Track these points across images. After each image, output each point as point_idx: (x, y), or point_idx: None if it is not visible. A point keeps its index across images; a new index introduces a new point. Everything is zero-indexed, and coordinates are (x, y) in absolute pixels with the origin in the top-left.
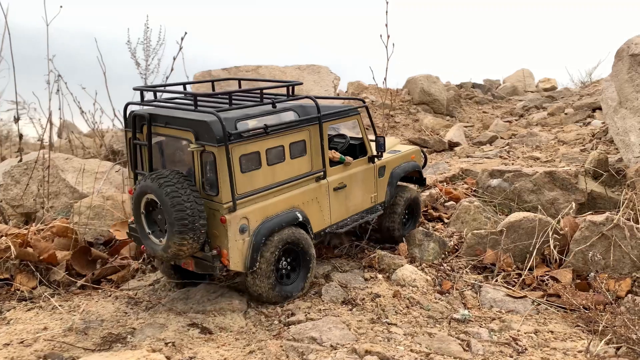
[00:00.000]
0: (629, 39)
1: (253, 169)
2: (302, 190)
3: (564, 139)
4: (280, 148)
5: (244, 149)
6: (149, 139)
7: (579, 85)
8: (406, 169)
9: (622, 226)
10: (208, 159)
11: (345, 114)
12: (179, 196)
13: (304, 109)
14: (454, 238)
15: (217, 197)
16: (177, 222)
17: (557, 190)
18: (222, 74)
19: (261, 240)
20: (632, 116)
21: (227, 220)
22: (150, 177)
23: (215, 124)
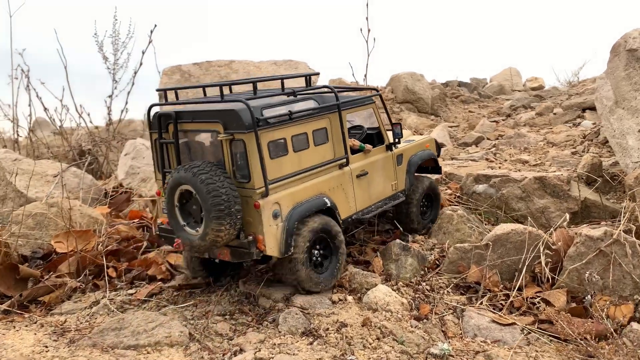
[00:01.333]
0: (626, 33)
1: (280, 155)
2: (328, 177)
3: (553, 141)
4: (304, 135)
5: (271, 135)
6: (176, 136)
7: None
8: (423, 157)
9: (622, 242)
10: (238, 146)
11: (361, 103)
12: (214, 182)
13: (323, 98)
14: (435, 251)
15: (249, 184)
16: (214, 207)
17: (548, 197)
18: (193, 68)
19: (294, 225)
20: (629, 117)
21: (260, 205)
22: (183, 168)
23: (244, 111)
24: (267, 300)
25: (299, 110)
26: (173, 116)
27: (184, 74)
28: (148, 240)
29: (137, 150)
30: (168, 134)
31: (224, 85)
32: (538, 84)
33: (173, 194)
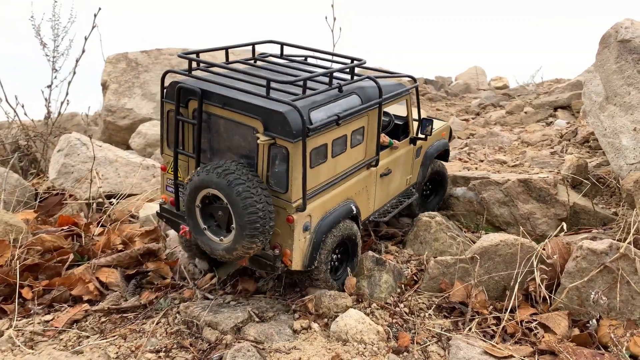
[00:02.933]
0: (617, 23)
1: (320, 162)
2: (356, 180)
3: (528, 140)
4: (344, 137)
5: (315, 142)
6: (199, 118)
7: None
8: (438, 148)
9: (631, 257)
10: (279, 152)
11: (399, 95)
12: (251, 197)
13: (365, 92)
14: (412, 264)
15: (286, 195)
16: (249, 225)
17: (533, 202)
18: (141, 56)
19: (321, 237)
20: (623, 114)
21: (294, 220)
22: (214, 171)
23: (292, 115)
24: (212, 332)
25: (345, 111)
26: (199, 94)
27: (131, 62)
28: (77, 252)
29: (71, 147)
30: (186, 110)
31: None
32: (502, 83)
33: (196, 194)
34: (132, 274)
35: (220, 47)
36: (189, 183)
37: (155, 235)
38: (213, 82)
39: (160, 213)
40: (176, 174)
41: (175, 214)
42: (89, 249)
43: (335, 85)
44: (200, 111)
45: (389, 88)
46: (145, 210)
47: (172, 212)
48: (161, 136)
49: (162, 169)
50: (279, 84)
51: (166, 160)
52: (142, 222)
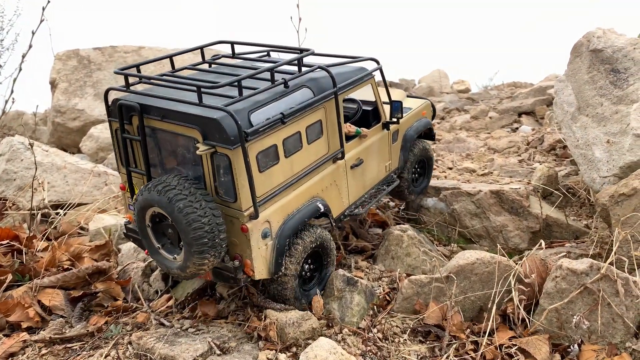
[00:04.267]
0: (589, 32)
1: (271, 165)
2: (321, 176)
3: (495, 147)
4: (297, 135)
5: (260, 144)
6: (143, 134)
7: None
8: (419, 128)
9: (613, 278)
10: (221, 161)
11: (360, 81)
12: (194, 212)
13: (318, 83)
14: (384, 282)
15: (236, 204)
16: (195, 242)
17: (506, 214)
18: (94, 54)
19: (285, 242)
20: (595, 126)
21: (249, 229)
22: (155, 189)
23: (227, 121)
24: None
25: (292, 107)
26: (137, 109)
27: (82, 59)
28: (17, 271)
29: (13, 151)
30: (131, 127)
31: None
32: (465, 86)
33: (144, 214)
34: (79, 296)
35: (163, 56)
36: (135, 203)
37: (106, 251)
38: (152, 95)
39: (126, 233)
40: (132, 192)
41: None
42: (31, 267)
43: (280, 82)
44: (142, 126)
45: (346, 75)
46: (96, 222)
47: (136, 231)
48: (115, 156)
49: (122, 188)
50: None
51: (123, 180)
52: (92, 236)
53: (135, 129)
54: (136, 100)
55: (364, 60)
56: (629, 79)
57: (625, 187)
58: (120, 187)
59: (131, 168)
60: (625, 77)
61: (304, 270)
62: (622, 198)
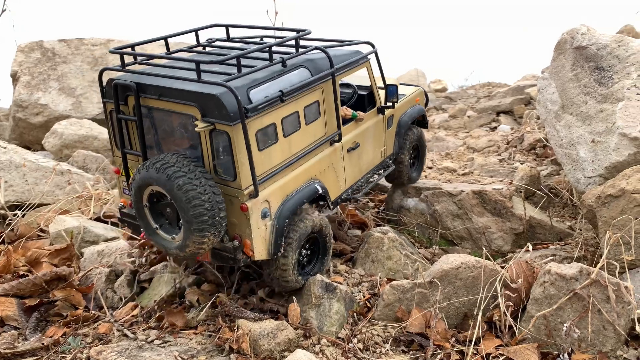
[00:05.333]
0: (573, 28)
1: (270, 144)
2: (319, 158)
3: (474, 146)
4: (295, 114)
5: (260, 122)
6: (139, 114)
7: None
8: (413, 115)
9: (603, 284)
10: (220, 138)
11: (356, 64)
12: (194, 188)
13: (315, 64)
14: (364, 287)
15: (235, 183)
16: (195, 219)
17: (488, 215)
18: (59, 46)
19: (284, 223)
20: (579, 124)
21: (248, 208)
22: (154, 167)
23: (227, 97)
24: None
25: (291, 86)
26: (133, 88)
27: (46, 52)
28: None
29: None
30: (127, 107)
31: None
32: (442, 86)
33: (141, 194)
34: (35, 305)
35: (159, 37)
36: (132, 183)
37: (67, 255)
38: (148, 74)
39: (121, 218)
40: (127, 174)
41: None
42: None
43: (278, 60)
44: (139, 106)
45: (342, 57)
46: (57, 224)
47: (132, 216)
48: (110, 138)
49: (116, 172)
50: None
51: (118, 163)
52: (53, 239)
53: (131, 109)
54: (132, 80)
55: (358, 44)
56: (613, 76)
57: (612, 188)
58: (115, 170)
59: (126, 150)
60: (610, 75)
61: (301, 255)
62: (608, 199)
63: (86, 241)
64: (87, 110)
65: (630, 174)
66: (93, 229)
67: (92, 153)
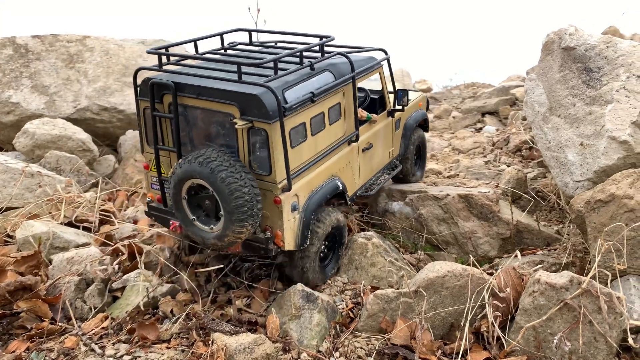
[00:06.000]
0: (561, 29)
1: (301, 141)
2: (338, 156)
3: (460, 147)
4: (321, 115)
5: (293, 121)
6: (176, 112)
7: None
8: (417, 118)
9: (594, 294)
10: (258, 135)
11: (372, 69)
12: (236, 181)
13: (338, 69)
14: (347, 296)
15: (270, 177)
16: (237, 210)
17: (475, 220)
18: (33, 42)
19: (310, 216)
20: (568, 127)
21: (282, 201)
22: (196, 161)
23: (267, 96)
24: None
25: (319, 88)
26: (172, 87)
27: (19, 48)
28: None
29: None
30: (162, 105)
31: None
32: (426, 86)
33: (181, 186)
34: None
35: (188, 40)
36: (173, 176)
37: (35, 262)
38: (185, 74)
39: (148, 212)
40: (159, 170)
41: (164, 210)
42: None
43: (307, 64)
44: (176, 104)
45: (361, 62)
46: (25, 229)
47: (159, 209)
48: (140, 135)
49: (145, 167)
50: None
51: (147, 159)
52: (20, 245)
53: (166, 107)
54: (170, 79)
55: (373, 50)
56: (602, 78)
57: (602, 193)
58: (144, 166)
59: (159, 146)
60: (598, 76)
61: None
62: (598, 204)
63: (56, 247)
64: (61, 109)
65: (620, 179)
66: (63, 235)
67: (65, 154)
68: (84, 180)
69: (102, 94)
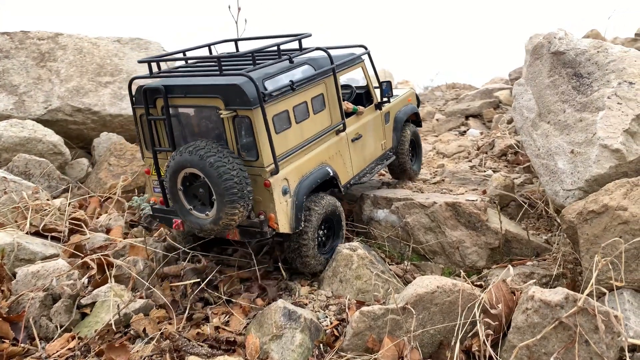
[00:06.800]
0: (550, 32)
1: (285, 128)
2: (327, 145)
3: (444, 151)
4: (304, 104)
5: (275, 108)
6: (167, 112)
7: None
8: (407, 112)
9: (591, 312)
10: (242, 123)
11: (352, 63)
12: (224, 165)
13: (317, 62)
14: (331, 312)
15: (258, 162)
16: (227, 192)
17: (462, 229)
18: (1, 39)
19: (302, 199)
20: (558, 134)
21: (271, 184)
22: (187, 151)
23: (247, 85)
24: None
25: (299, 79)
26: (162, 90)
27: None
28: None
29: None
30: (156, 109)
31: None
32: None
33: (176, 177)
34: None
35: (178, 50)
36: (167, 169)
37: None
38: (173, 76)
39: (153, 214)
40: (159, 172)
41: (166, 210)
42: None
43: (285, 57)
44: (167, 105)
45: (341, 57)
46: None
47: (162, 210)
48: (139, 142)
49: (147, 172)
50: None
51: (148, 164)
52: None
53: (159, 110)
54: (160, 83)
55: (353, 47)
56: (592, 84)
57: (595, 204)
58: (145, 171)
59: (157, 148)
60: (589, 82)
61: (319, 236)
62: (591, 215)
63: (21, 259)
64: (31, 110)
65: (613, 189)
66: (29, 246)
67: (35, 157)
68: (55, 185)
69: (75, 94)
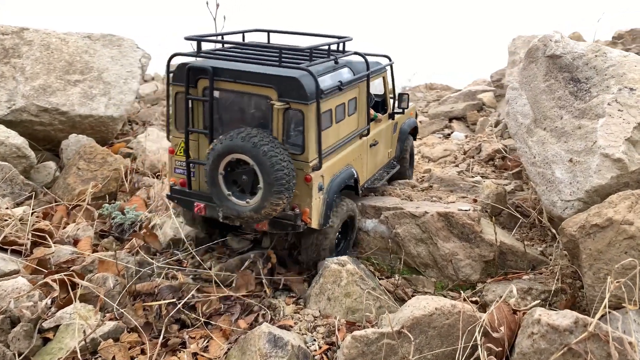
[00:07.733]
0: (545, 35)
1: (327, 127)
2: (353, 147)
3: (430, 155)
4: (343, 105)
5: (324, 106)
6: (211, 94)
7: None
8: (410, 124)
9: (603, 338)
10: (294, 116)
11: (380, 71)
12: (277, 155)
13: (355, 65)
14: (319, 333)
15: (302, 156)
16: (277, 182)
17: (455, 240)
18: None
19: (333, 197)
20: (555, 141)
21: (312, 179)
22: (239, 136)
23: (307, 79)
24: None
25: (343, 80)
26: (210, 72)
27: None
28: None
29: None
30: (196, 90)
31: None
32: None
33: (219, 162)
34: None
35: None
36: (211, 152)
37: None
38: (222, 59)
39: (171, 195)
40: (187, 153)
41: (187, 193)
42: None
43: (332, 58)
44: (212, 88)
45: (373, 64)
46: None
47: (183, 192)
48: (167, 120)
49: (171, 151)
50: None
51: (174, 143)
52: None
53: (200, 92)
54: (207, 64)
55: (378, 56)
56: (591, 89)
57: (598, 217)
58: (169, 150)
59: (191, 129)
60: (587, 87)
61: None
62: (594, 229)
63: None
64: None
65: (617, 201)
66: None
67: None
68: (18, 191)
69: (41, 93)
